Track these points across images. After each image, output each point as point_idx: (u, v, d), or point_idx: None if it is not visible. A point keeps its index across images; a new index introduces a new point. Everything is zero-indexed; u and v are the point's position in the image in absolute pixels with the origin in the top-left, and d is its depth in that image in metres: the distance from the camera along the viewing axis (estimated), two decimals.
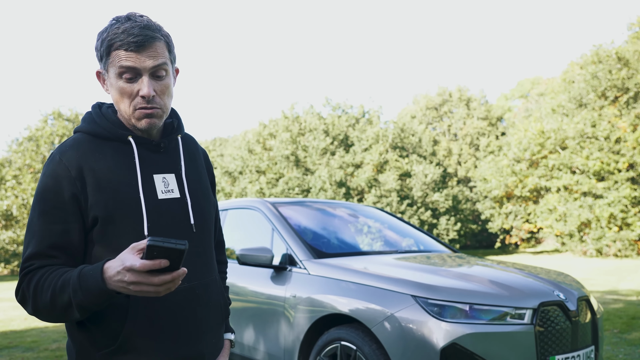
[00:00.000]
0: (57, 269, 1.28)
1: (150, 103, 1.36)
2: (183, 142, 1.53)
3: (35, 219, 1.32)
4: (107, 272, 1.18)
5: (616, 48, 20.42)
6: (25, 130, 23.51)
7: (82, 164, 1.33)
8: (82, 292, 1.20)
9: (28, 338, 6.55)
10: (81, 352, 1.36)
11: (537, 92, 34.99)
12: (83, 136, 1.40)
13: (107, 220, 1.32)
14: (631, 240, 19.35)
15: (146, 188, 1.38)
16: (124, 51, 1.32)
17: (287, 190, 22.82)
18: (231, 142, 36.80)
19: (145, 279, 1.14)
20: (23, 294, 1.31)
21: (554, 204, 21.34)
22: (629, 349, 5.08)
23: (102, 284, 1.18)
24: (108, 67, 1.36)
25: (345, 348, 3.07)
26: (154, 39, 1.35)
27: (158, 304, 1.34)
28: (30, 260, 1.30)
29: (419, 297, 2.90)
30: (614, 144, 20.07)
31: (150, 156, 1.42)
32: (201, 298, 1.43)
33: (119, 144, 1.40)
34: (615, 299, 8.31)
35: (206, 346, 1.45)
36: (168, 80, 1.39)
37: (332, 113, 25.71)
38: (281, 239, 3.82)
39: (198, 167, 1.55)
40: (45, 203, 1.31)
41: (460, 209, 24.72)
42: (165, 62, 1.37)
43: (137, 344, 1.32)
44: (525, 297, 2.95)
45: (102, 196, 1.32)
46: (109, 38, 1.33)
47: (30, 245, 1.31)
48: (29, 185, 21.65)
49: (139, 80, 1.35)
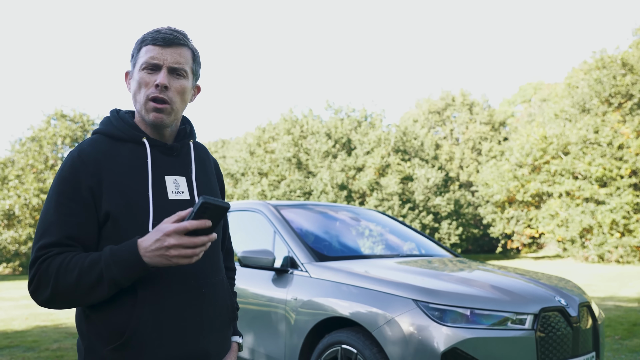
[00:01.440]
0: (79, 252, 1.34)
1: (162, 93, 1.43)
2: (195, 149, 1.60)
3: (51, 210, 1.37)
4: (143, 244, 1.28)
5: (621, 54, 20.40)
6: (28, 131, 23.57)
7: (99, 161, 1.40)
8: (116, 267, 1.28)
9: (29, 338, 6.56)
10: (89, 348, 1.39)
11: (539, 97, 34.98)
12: (100, 137, 1.48)
13: (117, 216, 1.37)
14: (633, 247, 19.30)
15: (156, 188, 1.44)
16: (152, 45, 1.43)
17: (288, 192, 22.83)
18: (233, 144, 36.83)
19: (187, 240, 1.24)
20: (39, 280, 1.33)
21: (556, 209, 21.30)
22: (630, 355, 5.07)
23: (137, 256, 1.27)
24: (135, 62, 1.47)
25: (346, 351, 3.08)
26: (181, 43, 1.46)
27: (165, 301, 1.37)
28: (47, 249, 1.34)
29: (420, 301, 2.90)
30: (616, 150, 20.04)
31: (162, 158, 1.49)
32: (208, 297, 1.46)
33: (134, 145, 1.47)
34: (616, 306, 8.29)
35: (212, 345, 1.47)
36: (185, 83, 1.47)
37: (333, 116, 25.72)
38: (283, 241, 3.83)
39: (208, 173, 1.61)
40: (63, 195, 1.37)
41: (462, 213, 24.70)
42: (186, 66, 1.47)
43: (143, 340, 1.35)
44: (527, 303, 2.95)
45: (115, 193, 1.38)
46: (143, 37, 1.47)
47: (46, 235, 1.35)
48: (31, 185, 21.68)
49: (157, 72, 1.44)
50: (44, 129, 23.25)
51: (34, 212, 22.32)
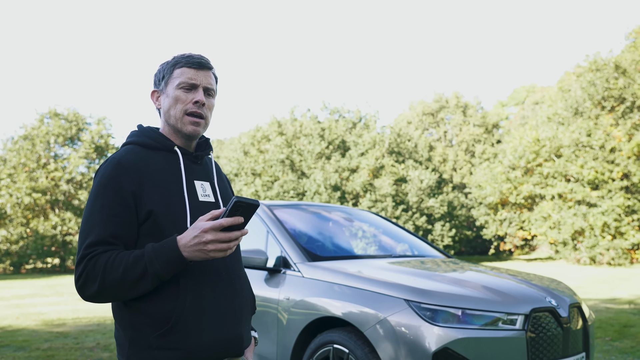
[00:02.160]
0: (122, 250, 1.49)
1: (200, 109, 1.64)
2: (213, 161, 1.84)
3: (96, 211, 1.52)
4: (182, 241, 1.43)
5: (614, 57, 20.54)
6: (21, 129, 23.39)
7: (138, 167, 1.58)
8: (158, 262, 1.43)
9: (19, 337, 6.52)
10: (134, 338, 1.52)
11: (532, 100, 35.15)
12: (135, 147, 1.65)
13: (157, 215, 1.53)
14: (624, 249, 19.43)
15: (189, 191, 1.63)
16: (187, 68, 1.65)
17: (282, 193, 22.81)
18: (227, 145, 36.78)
19: (223, 235, 1.40)
20: (87, 276, 1.46)
21: (548, 211, 21.41)
22: (620, 357, 5.10)
23: (177, 252, 1.43)
24: (169, 81, 1.66)
25: (337, 351, 3.08)
26: (210, 68, 1.70)
27: (204, 291, 1.54)
28: (94, 247, 1.48)
29: (412, 301, 2.91)
30: (608, 153, 20.17)
31: (191, 165, 1.68)
32: (237, 288, 1.65)
33: (166, 153, 1.66)
34: (607, 307, 8.35)
35: (244, 330, 1.65)
36: (213, 102, 1.71)
37: (329, 117, 25.72)
38: (276, 241, 3.83)
39: (224, 181, 1.84)
40: (107, 197, 1.52)
41: (455, 215, 24.77)
42: (214, 88, 1.71)
43: (187, 325, 1.50)
44: (518, 303, 2.97)
45: (155, 195, 1.55)
46: (175, 60, 1.67)
47: (92, 234, 1.50)
48: (23, 184, 21.53)
49: (194, 91, 1.64)
50: (37, 127, 23.09)
51: (25, 212, 22.18)
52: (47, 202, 22.48)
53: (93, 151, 23.21)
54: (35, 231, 21.59)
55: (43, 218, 22.42)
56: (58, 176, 22.30)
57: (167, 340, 1.49)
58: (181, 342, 1.49)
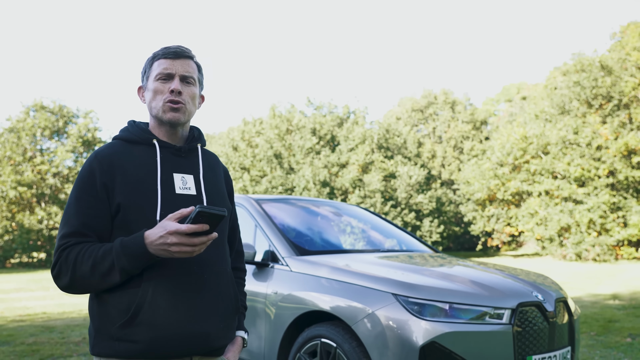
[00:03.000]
0: (94, 243, 1.51)
1: (177, 97, 1.62)
2: (204, 154, 1.77)
3: (72, 203, 1.56)
4: (149, 238, 1.43)
5: (599, 56, 20.71)
6: (7, 122, 23.06)
7: (112, 160, 1.58)
8: (125, 257, 1.45)
9: (4, 332, 6.45)
10: (99, 329, 1.53)
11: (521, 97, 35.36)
12: (118, 142, 1.67)
13: (127, 207, 1.53)
14: (609, 246, 19.66)
15: (165, 183, 1.60)
16: (163, 59, 1.64)
17: (270, 188, 22.76)
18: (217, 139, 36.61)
19: (187, 240, 1.38)
20: (60, 268, 1.50)
21: (535, 208, 21.59)
22: (605, 351, 5.16)
23: (144, 249, 1.43)
24: (149, 76, 1.67)
25: (325, 345, 3.08)
26: (188, 56, 1.67)
27: (167, 284, 1.51)
28: (67, 238, 1.52)
29: (399, 295, 2.91)
30: (595, 151, 20.37)
31: (172, 158, 1.66)
32: (209, 284, 1.60)
33: (146, 147, 1.65)
34: (592, 302, 8.44)
35: (213, 328, 1.59)
36: (194, 89, 1.68)
37: (315, 112, 25.65)
38: (264, 235, 3.81)
39: (217, 176, 1.78)
40: (81, 191, 1.55)
41: (443, 211, 24.88)
42: (194, 75, 1.68)
43: (147, 318, 1.48)
44: (504, 298, 2.98)
45: (127, 187, 1.55)
46: (154, 54, 1.67)
47: (67, 225, 1.53)
48: (8, 177, 21.26)
49: (170, 81, 1.63)
50: (23, 120, 22.79)
51: (11, 205, 21.92)
52: (33, 196, 22.23)
53: (80, 145, 22.97)
54: (20, 225, 21.34)
55: (29, 212, 22.16)
56: (44, 169, 22.05)
57: (127, 332, 1.48)
58: (140, 334, 1.48)
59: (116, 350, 1.50)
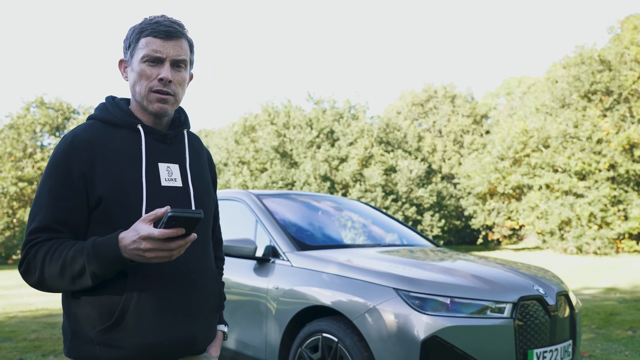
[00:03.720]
0: (65, 241, 1.37)
1: (166, 87, 1.46)
2: (189, 139, 1.62)
3: (43, 194, 1.39)
4: (122, 242, 1.29)
5: (598, 50, 20.65)
6: (7, 118, 23.06)
7: (92, 146, 1.42)
8: (97, 261, 1.30)
9: (6, 328, 6.46)
10: (77, 331, 1.41)
11: (521, 91, 35.28)
12: (95, 122, 1.49)
13: (109, 201, 1.39)
14: (610, 239, 19.67)
15: (149, 174, 1.46)
16: (153, 37, 1.45)
17: (270, 183, 22.74)
18: (217, 134, 36.57)
19: (162, 245, 1.25)
20: (28, 265, 1.37)
21: (536, 201, 21.59)
22: (606, 344, 5.17)
23: (117, 253, 1.29)
24: (134, 52, 1.47)
25: (326, 340, 3.08)
26: (181, 35, 1.48)
27: (154, 285, 1.40)
28: (37, 233, 1.37)
29: (400, 290, 2.91)
30: (595, 145, 20.35)
31: (156, 145, 1.51)
32: (197, 284, 1.49)
33: (129, 131, 1.49)
34: (593, 296, 8.45)
35: (199, 331, 1.50)
36: (185, 75, 1.51)
37: (315, 107, 25.61)
38: (265, 230, 3.81)
39: (201, 162, 1.64)
40: (55, 180, 1.39)
41: (444, 205, 24.88)
42: (186, 59, 1.50)
43: (131, 323, 1.37)
44: (506, 292, 2.98)
45: (108, 177, 1.40)
46: (141, 27, 1.47)
47: (37, 219, 1.38)
48: (9, 173, 21.28)
49: (160, 65, 1.46)
50: (23, 116, 22.78)
51: (11, 201, 21.93)
52: (34, 192, 22.24)
53: None
54: (21, 221, 21.36)
55: (30, 208, 22.17)
56: (44, 165, 22.05)
57: (110, 337, 1.37)
58: (125, 340, 1.37)
59: (97, 355, 1.38)
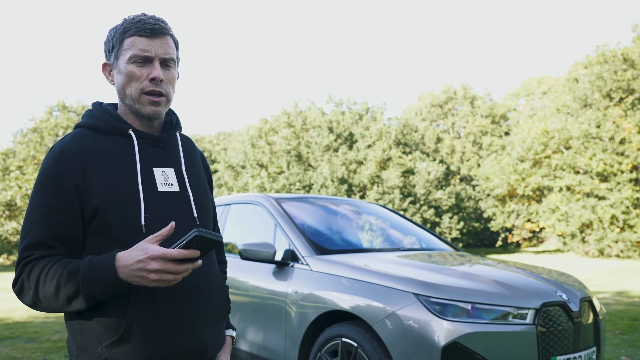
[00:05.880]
0: (60, 259, 1.31)
1: (158, 87, 1.41)
2: (182, 141, 1.57)
3: (35, 209, 1.34)
4: (121, 262, 1.23)
5: (622, 49, 20.30)
6: (30, 122, 23.49)
7: (83, 156, 1.36)
8: (92, 282, 1.25)
9: (30, 329, 6.58)
10: (83, 346, 1.36)
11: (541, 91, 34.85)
12: (84, 130, 1.44)
13: (106, 211, 1.33)
14: (633, 242, 19.29)
15: (145, 180, 1.41)
16: (138, 37, 1.39)
17: (288, 185, 22.79)
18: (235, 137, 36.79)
19: (172, 267, 1.20)
20: (22, 285, 1.32)
21: (557, 203, 21.28)
22: (631, 350, 5.07)
23: (114, 274, 1.23)
24: (119, 54, 1.42)
25: (346, 345, 3.08)
26: (166, 32, 1.43)
27: (160, 295, 1.34)
28: (30, 250, 1.32)
29: (421, 295, 2.90)
30: (618, 145, 19.99)
31: (150, 150, 1.45)
32: (202, 289, 1.44)
33: (120, 137, 1.43)
34: (617, 300, 8.30)
35: (208, 338, 1.45)
36: (174, 73, 1.47)
37: (335, 109, 25.61)
38: (284, 234, 3.82)
39: (196, 165, 1.59)
40: (46, 194, 1.33)
41: (463, 207, 24.67)
42: (174, 57, 1.46)
43: (140, 334, 1.32)
44: (528, 297, 2.94)
45: (103, 187, 1.34)
46: (124, 27, 1.41)
47: (29, 235, 1.33)
48: (32, 175, 21.67)
49: (149, 65, 1.41)
50: (45, 119, 23.20)
51: None
52: None
53: None
54: None
55: None
56: None
57: (118, 351, 1.32)
58: (133, 353, 1.32)
59: None
